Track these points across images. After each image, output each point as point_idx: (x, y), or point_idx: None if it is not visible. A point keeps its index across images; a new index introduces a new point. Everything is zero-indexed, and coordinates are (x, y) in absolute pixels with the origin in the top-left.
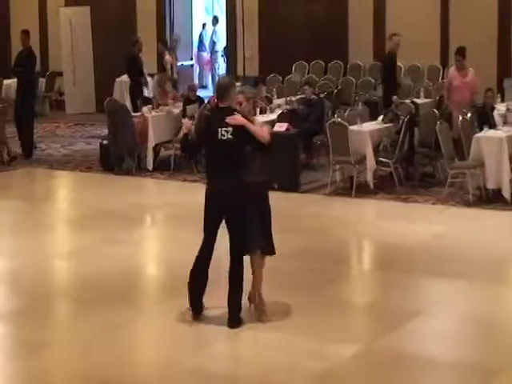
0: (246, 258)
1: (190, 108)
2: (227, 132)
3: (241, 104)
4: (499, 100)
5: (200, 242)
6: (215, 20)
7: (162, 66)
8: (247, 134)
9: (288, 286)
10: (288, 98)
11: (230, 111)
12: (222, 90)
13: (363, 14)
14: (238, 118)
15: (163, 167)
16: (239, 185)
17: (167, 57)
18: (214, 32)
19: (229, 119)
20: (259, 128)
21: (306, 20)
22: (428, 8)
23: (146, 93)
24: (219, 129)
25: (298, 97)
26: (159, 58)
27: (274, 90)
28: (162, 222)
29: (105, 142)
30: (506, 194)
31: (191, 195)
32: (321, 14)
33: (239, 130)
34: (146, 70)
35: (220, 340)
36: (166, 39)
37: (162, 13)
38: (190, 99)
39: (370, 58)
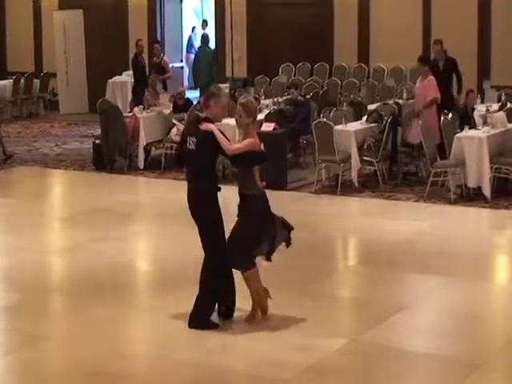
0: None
1: (176, 116)
2: (193, 142)
3: (240, 116)
4: (479, 101)
5: (190, 238)
6: (205, 23)
7: (154, 68)
8: (213, 143)
9: (275, 281)
10: (275, 99)
11: (205, 121)
12: (204, 99)
13: (348, 18)
14: (209, 125)
15: (154, 166)
16: (198, 195)
17: (165, 58)
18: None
19: (202, 126)
20: (224, 139)
21: (293, 23)
22: (410, 13)
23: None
24: (188, 137)
25: (285, 97)
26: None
27: (262, 90)
28: (153, 219)
29: (97, 141)
30: (486, 192)
31: (181, 193)
32: (307, 17)
33: (206, 137)
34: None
35: (210, 334)
36: (160, 41)
37: (153, 16)
38: (178, 104)
39: (354, 60)
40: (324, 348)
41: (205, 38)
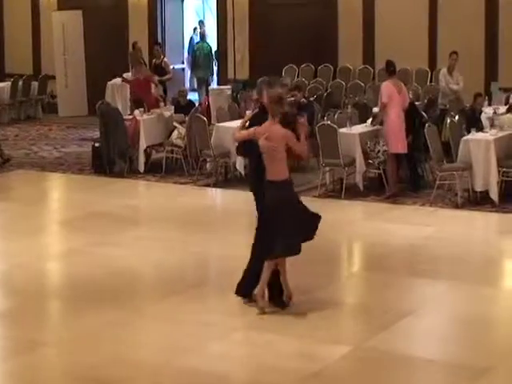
0: None
1: (176, 116)
2: None
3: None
4: (486, 103)
5: (190, 243)
6: (201, 23)
7: (154, 69)
8: None
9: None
10: None
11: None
12: (257, 89)
13: (353, 18)
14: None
15: (154, 169)
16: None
17: (166, 59)
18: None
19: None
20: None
21: (297, 23)
22: (416, 12)
23: None
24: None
25: (288, 100)
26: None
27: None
28: (154, 224)
29: (97, 144)
30: (493, 196)
31: (182, 197)
32: (311, 17)
33: None
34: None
35: (212, 340)
36: (161, 43)
37: (154, 17)
38: (181, 104)
39: (359, 62)
40: (327, 355)
41: (202, 34)
